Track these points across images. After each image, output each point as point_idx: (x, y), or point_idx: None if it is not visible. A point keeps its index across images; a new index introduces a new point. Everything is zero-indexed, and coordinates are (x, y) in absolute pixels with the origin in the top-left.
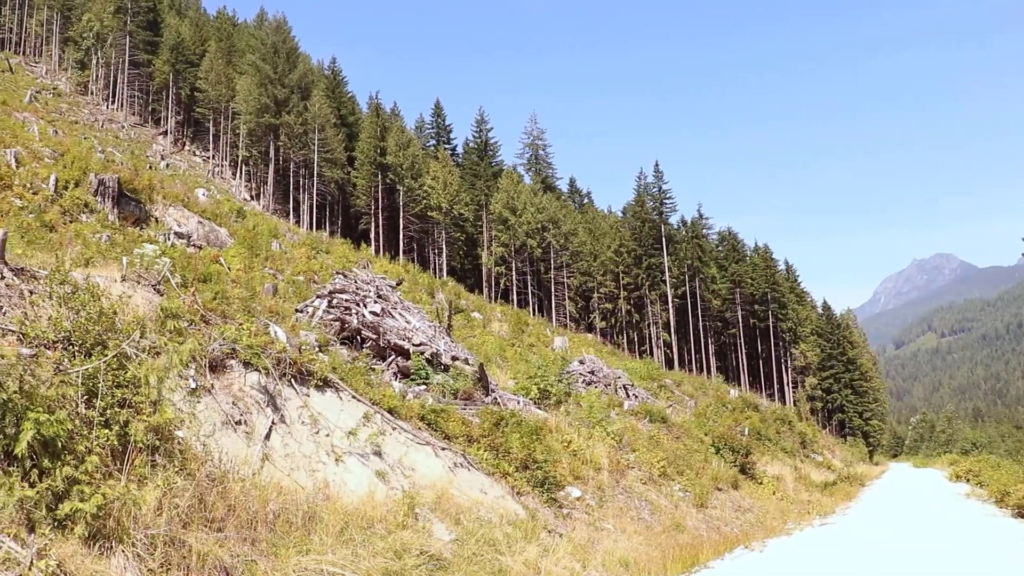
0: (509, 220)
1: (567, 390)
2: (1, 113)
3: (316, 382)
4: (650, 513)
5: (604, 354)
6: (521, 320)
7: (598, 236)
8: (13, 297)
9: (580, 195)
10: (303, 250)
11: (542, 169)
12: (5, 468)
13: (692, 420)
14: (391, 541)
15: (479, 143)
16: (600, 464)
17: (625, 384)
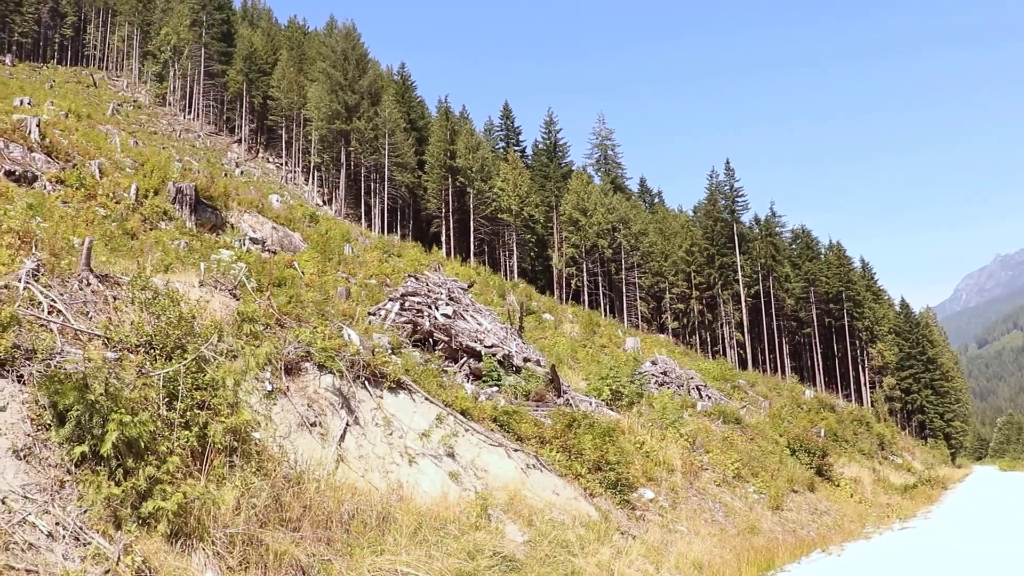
0: (579, 221)
1: (639, 391)
2: (86, 126)
3: (389, 384)
4: (724, 515)
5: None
6: (592, 321)
7: (669, 236)
8: (98, 303)
9: (650, 195)
10: (375, 254)
11: (611, 169)
12: (93, 467)
13: (766, 421)
14: (464, 542)
15: (548, 144)
16: (673, 465)
17: (698, 385)
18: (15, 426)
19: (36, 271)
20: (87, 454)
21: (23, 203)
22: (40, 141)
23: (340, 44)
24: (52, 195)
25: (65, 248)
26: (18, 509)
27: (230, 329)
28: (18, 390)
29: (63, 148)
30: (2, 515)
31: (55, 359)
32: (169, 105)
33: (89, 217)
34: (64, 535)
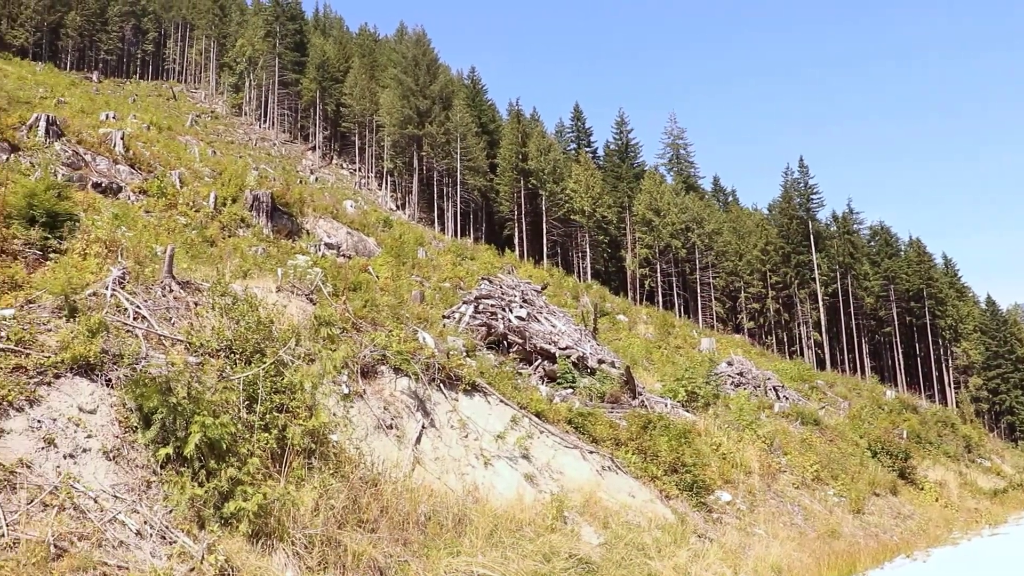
0: (652, 221)
1: (715, 392)
2: (166, 138)
3: (464, 386)
4: (803, 518)
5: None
6: (667, 322)
7: (743, 235)
8: (180, 308)
9: (724, 194)
10: (448, 257)
11: (684, 169)
12: (177, 468)
13: (846, 422)
14: (540, 544)
15: (620, 145)
16: (750, 468)
17: (775, 386)
18: (104, 428)
19: (122, 279)
20: (171, 455)
21: (109, 213)
22: (124, 153)
23: (411, 50)
24: (136, 205)
25: (148, 256)
26: (109, 508)
27: (307, 333)
28: (107, 393)
29: (145, 159)
30: (95, 513)
31: (140, 363)
32: (245, 115)
33: (170, 225)
34: (151, 534)
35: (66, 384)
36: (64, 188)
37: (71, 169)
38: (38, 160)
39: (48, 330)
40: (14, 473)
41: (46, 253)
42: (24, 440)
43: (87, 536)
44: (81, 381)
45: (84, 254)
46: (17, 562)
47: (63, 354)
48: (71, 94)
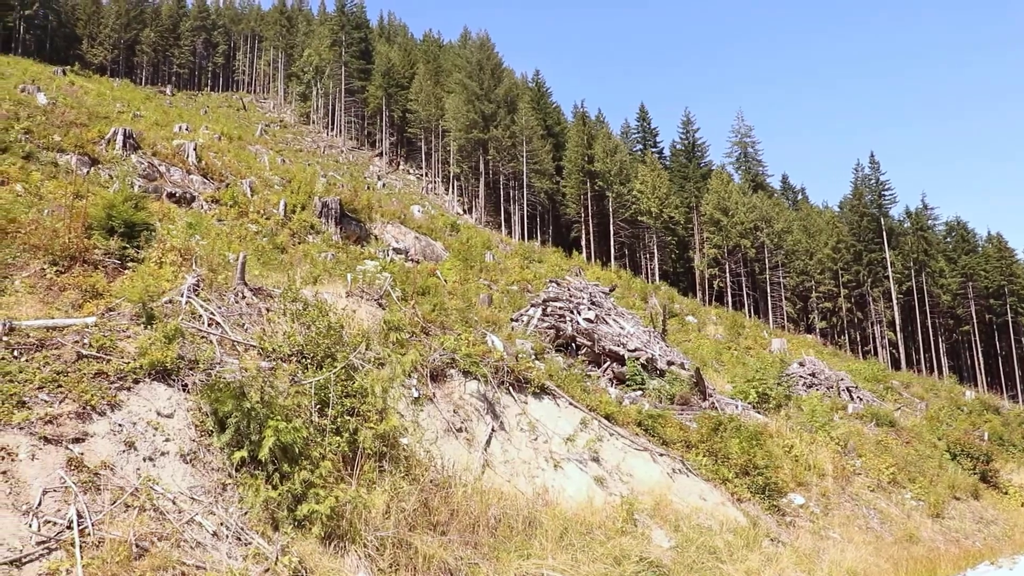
0: (720, 221)
1: (787, 393)
2: (237, 147)
3: (533, 389)
4: (879, 522)
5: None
6: (737, 322)
7: (813, 233)
8: (253, 314)
9: (793, 192)
10: (516, 260)
11: (752, 167)
12: (252, 471)
13: (923, 424)
14: (610, 547)
15: (686, 144)
16: (824, 470)
17: (848, 386)
18: (181, 432)
19: (196, 286)
20: (246, 459)
21: (183, 222)
22: (197, 164)
23: (475, 55)
24: (208, 214)
25: (221, 263)
26: (187, 509)
27: (377, 337)
28: (183, 398)
29: (217, 169)
30: (173, 515)
31: (215, 369)
32: (313, 123)
33: (242, 233)
34: (227, 535)
35: (145, 389)
36: (141, 199)
37: (147, 180)
38: (116, 172)
39: (127, 337)
40: (98, 475)
41: (124, 262)
42: (106, 443)
43: (166, 537)
44: (159, 386)
45: (160, 262)
46: (102, 560)
47: (142, 360)
48: (146, 108)
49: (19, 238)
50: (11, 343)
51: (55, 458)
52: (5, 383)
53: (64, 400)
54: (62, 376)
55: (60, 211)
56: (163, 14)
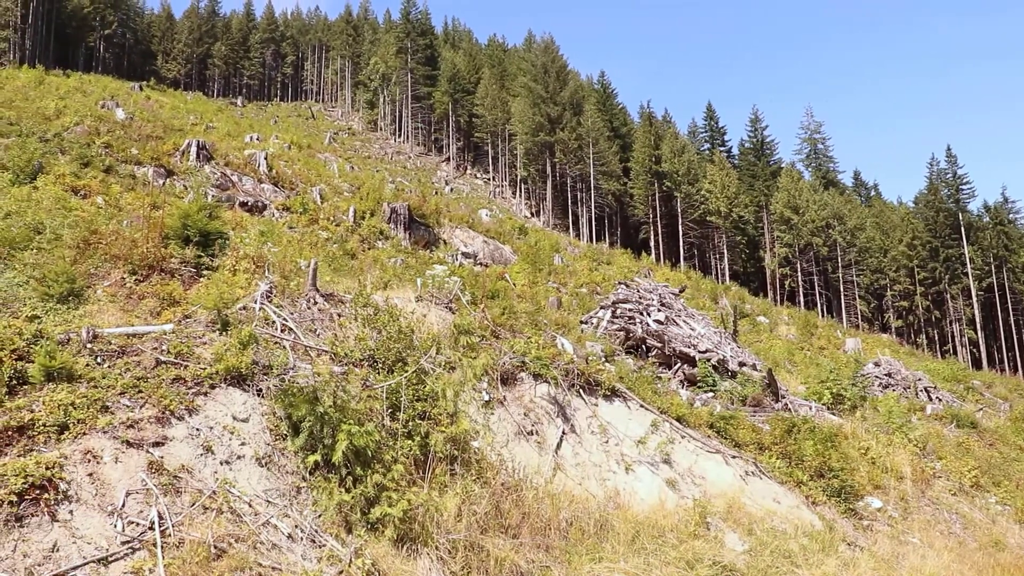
0: (791, 219)
1: (862, 394)
2: (306, 156)
3: (604, 392)
4: (962, 527)
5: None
6: (809, 322)
7: (887, 230)
8: (324, 320)
9: (865, 188)
10: (584, 262)
11: (822, 164)
12: (325, 474)
13: (1007, 425)
14: (683, 551)
15: (755, 143)
16: (901, 473)
17: (926, 387)
18: (256, 436)
19: (269, 292)
20: (319, 462)
21: (256, 230)
22: (267, 172)
23: (539, 58)
24: (280, 221)
25: (293, 270)
26: (263, 512)
27: (447, 341)
28: (258, 403)
29: (287, 177)
30: (250, 517)
31: (288, 374)
32: (380, 130)
33: (313, 240)
34: (302, 537)
35: (221, 394)
36: (214, 208)
37: (220, 190)
38: (190, 183)
39: (203, 343)
40: (177, 478)
41: (200, 270)
42: (185, 447)
43: (243, 538)
44: (234, 391)
45: (234, 270)
46: (183, 560)
47: (217, 366)
48: (218, 119)
49: (100, 249)
50: (94, 350)
51: (137, 461)
52: (90, 389)
53: (144, 405)
54: (142, 382)
55: (138, 222)
56: (233, 28)
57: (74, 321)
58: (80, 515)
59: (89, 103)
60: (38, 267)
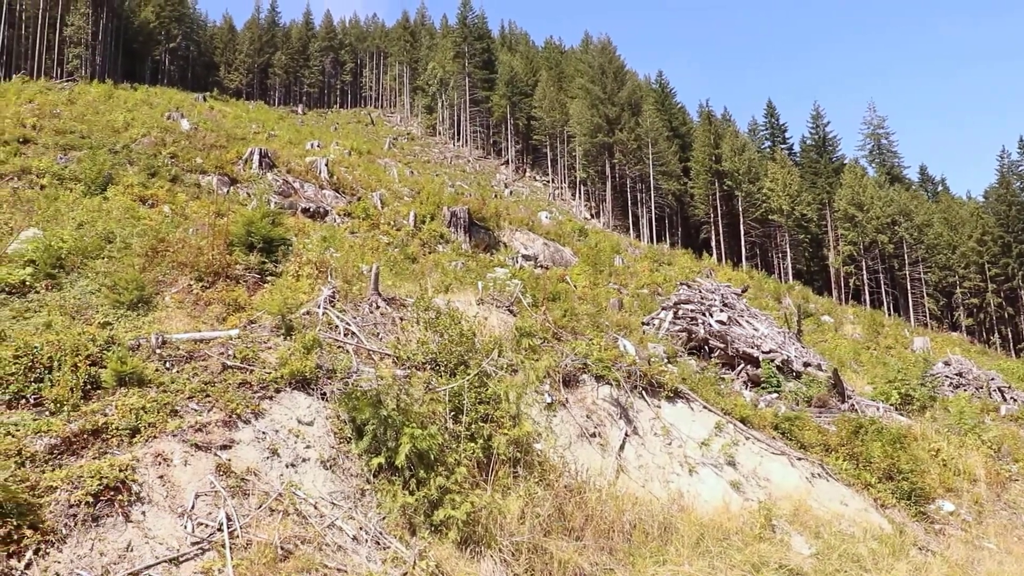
0: (855, 217)
1: (931, 394)
2: (366, 161)
3: (666, 393)
4: None
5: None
6: (875, 321)
7: (955, 226)
8: (387, 324)
9: (932, 183)
10: (645, 263)
11: (886, 159)
12: (389, 477)
13: None
14: (748, 554)
15: (816, 139)
16: (975, 475)
17: (1000, 386)
18: (321, 439)
19: (332, 297)
20: (383, 465)
21: (318, 236)
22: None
23: (596, 59)
24: (341, 227)
25: (355, 275)
26: (328, 514)
27: (509, 344)
28: (322, 406)
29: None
30: (315, 519)
31: (352, 377)
32: (439, 134)
33: (374, 245)
34: (367, 539)
35: (285, 398)
36: (277, 215)
37: (282, 197)
38: (253, 190)
39: (268, 348)
40: (244, 480)
41: (264, 276)
42: (251, 450)
43: (309, 540)
44: (299, 395)
45: (297, 275)
46: (250, 561)
47: (282, 370)
48: (279, 127)
49: (168, 256)
50: (163, 355)
51: (205, 464)
52: (159, 393)
53: (212, 409)
54: (209, 386)
55: (204, 230)
56: (293, 37)
57: (144, 327)
58: (152, 516)
59: (155, 115)
60: (109, 275)
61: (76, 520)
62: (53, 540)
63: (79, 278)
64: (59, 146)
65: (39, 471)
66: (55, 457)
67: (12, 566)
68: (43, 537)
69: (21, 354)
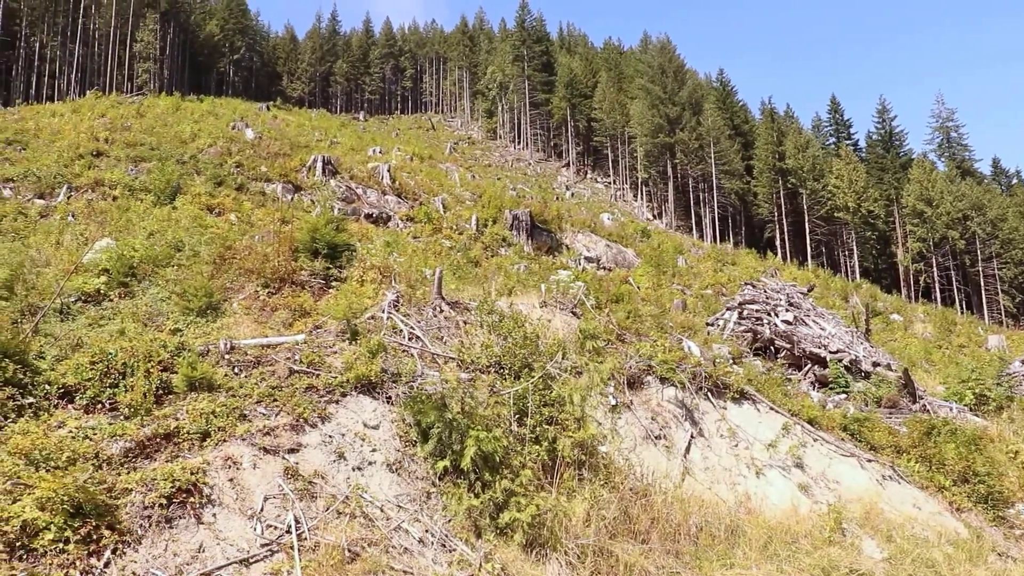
0: (924, 212)
1: (1009, 394)
2: (428, 166)
3: (732, 394)
4: None
5: None
6: (947, 319)
7: None
8: (450, 327)
9: (1006, 176)
10: (708, 263)
11: (956, 153)
12: (454, 480)
13: None
14: (817, 558)
15: (882, 134)
16: None
17: None
18: (387, 443)
19: (396, 302)
20: (448, 468)
21: (381, 241)
22: (391, 184)
23: (656, 59)
24: (404, 232)
25: (418, 279)
26: (394, 517)
27: (573, 346)
28: (387, 410)
29: (410, 188)
30: (381, 521)
31: (416, 381)
32: (499, 138)
33: (436, 249)
34: (432, 541)
35: (351, 402)
36: (341, 221)
37: (345, 203)
38: (317, 197)
39: (334, 352)
40: (312, 483)
41: (328, 281)
42: (318, 453)
43: (375, 542)
44: (364, 399)
45: (361, 281)
46: (318, 563)
47: (348, 374)
48: (341, 134)
49: (235, 263)
50: (232, 360)
51: (273, 467)
52: (228, 398)
53: (279, 413)
54: (277, 391)
55: (269, 236)
56: (353, 45)
57: (212, 333)
58: (222, 518)
59: (221, 125)
60: (179, 283)
61: (151, 521)
62: (129, 540)
63: (150, 286)
64: (130, 158)
65: (115, 473)
66: (130, 460)
67: (92, 564)
68: (120, 537)
69: (97, 360)
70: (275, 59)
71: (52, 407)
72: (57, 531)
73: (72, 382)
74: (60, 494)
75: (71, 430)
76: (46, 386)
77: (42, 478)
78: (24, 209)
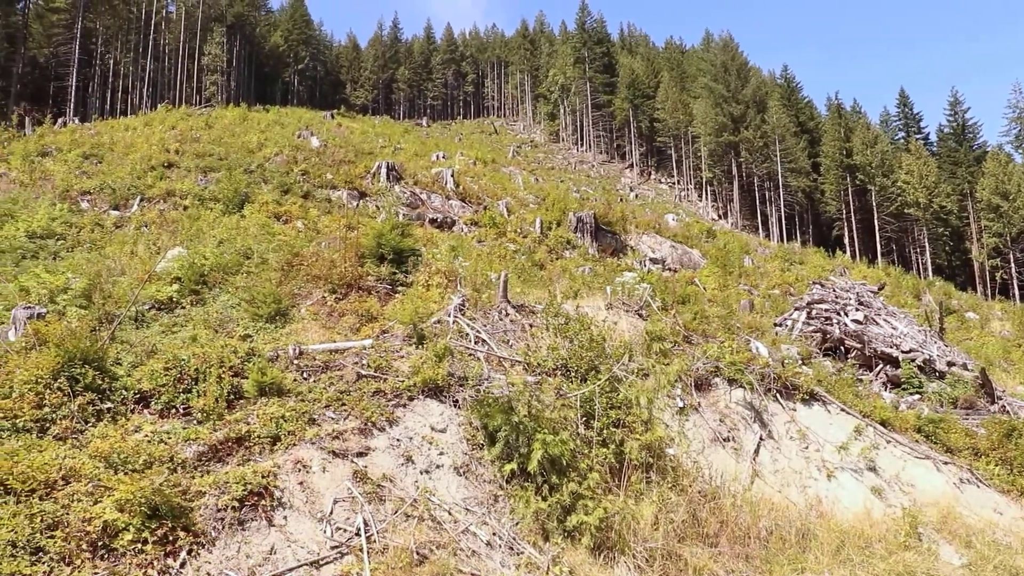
0: (1000, 207)
1: None
2: (491, 170)
3: (802, 396)
4: None
5: None
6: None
7: None
8: (516, 331)
9: None
10: (775, 263)
11: None
12: (521, 483)
13: None
14: (892, 563)
15: (955, 127)
16: None
17: None
18: (454, 446)
19: (462, 306)
20: (515, 471)
21: (446, 246)
22: (454, 189)
23: (719, 57)
24: (468, 236)
25: (483, 283)
26: (461, 520)
27: (639, 348)
28: (454, 413)
29: (474, 192)
30: (449, 524)
31: (483, 384)
32: (562, 140)
33: (501, 252)
34: (500, 544)
35: (418, 406)
36: (406, 226)
37: (410, 208)
38: (382, 203)
39: (401, 356)
40: (380, 486)
41: (394, 286)
42: (386, 457)
43: (444, 545)
44: (431, 402)
45: (427, 285)
46: (387, 566)
47: (415, 378)
48: (405, 140)
49: (302, 270)
50: (300, 366)
51: (342, 470)
52: (298, 402)
53: (348, 417)
54: (345, 395)
55: (335, 243)
56: (415, 51)
57: (281, 339)
58: (293, 521)
59: (286, 134)
60: (248, 289)
61: (223, 523)
62: (203, 542)
63: (220, 293)
64: (199, 168)
65: (189, 477)
66: (203, 464)
67: (169, 565)
68: (195, 539)
69: (171, 366)
70: (338, 68)
71: (129, 412)
72: (135, 532)
73: (147, 387)
74: (138, 496)
75: (147, 434)
76: (123, 391)
77: (121, 481)
78: (100, 220)
